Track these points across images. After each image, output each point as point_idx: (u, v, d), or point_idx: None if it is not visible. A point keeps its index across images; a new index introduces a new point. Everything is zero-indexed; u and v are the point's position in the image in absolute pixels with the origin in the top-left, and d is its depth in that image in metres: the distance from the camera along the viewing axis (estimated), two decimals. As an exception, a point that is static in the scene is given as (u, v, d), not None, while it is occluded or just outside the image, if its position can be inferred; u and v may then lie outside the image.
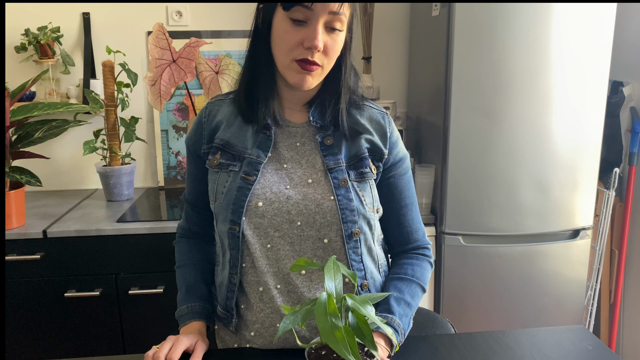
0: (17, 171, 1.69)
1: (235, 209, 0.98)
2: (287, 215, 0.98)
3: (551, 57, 1.81)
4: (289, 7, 0.91)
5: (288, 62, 0.94)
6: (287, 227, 0.98)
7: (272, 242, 0.99)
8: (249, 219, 0.98)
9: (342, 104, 1.02)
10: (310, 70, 0.94)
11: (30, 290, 1.75)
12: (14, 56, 2.13)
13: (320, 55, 0.94)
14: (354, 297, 0.78)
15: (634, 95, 2.15)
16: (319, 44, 0.91)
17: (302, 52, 0.92)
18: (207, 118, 1.07)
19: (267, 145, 1.01)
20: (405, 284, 1.05)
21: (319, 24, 0.91)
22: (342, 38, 0.96)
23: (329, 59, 0.96)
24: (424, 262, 1.10)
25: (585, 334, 1.06)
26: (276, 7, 0.94)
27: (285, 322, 0.76)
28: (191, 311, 1.05)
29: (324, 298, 0.76)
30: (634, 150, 2.12)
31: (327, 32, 0.93)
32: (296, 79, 0.95)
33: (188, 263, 1.14)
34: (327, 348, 0.82)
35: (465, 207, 1.90)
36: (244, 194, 0.98)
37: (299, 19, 0.91)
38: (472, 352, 0.99)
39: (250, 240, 0.99)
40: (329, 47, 0.94)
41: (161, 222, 1.80)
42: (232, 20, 2.24)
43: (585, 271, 2.01)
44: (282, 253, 0.99)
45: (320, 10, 0.90)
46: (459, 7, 1.76)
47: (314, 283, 0.99)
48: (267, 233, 0.99)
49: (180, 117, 2.26)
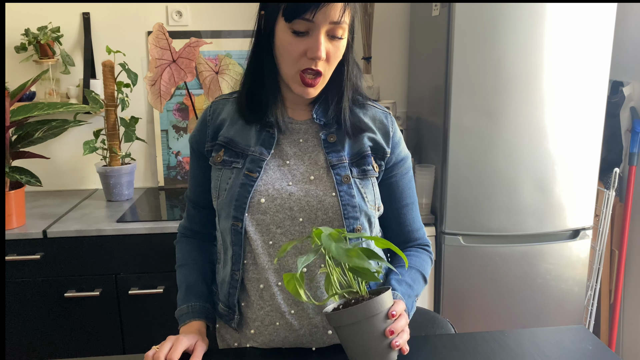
0: (17, 171, 1.69)
1: (238, 206, 0.98)
2: (289, 212, 0.99)
3: (551, 57, 1.81)
4: (291, 19, 0.91)
5: (293, 73, 0.96)
6: (289, 224, 0.99)
7: (274, 238, 0.99)
8: (252, 215, 0.99)
9: (345, 101, 1.02)
10: (313, 85, 0.96)
11: (30, 290, 1.75)
12: (14, 56, 2.14)
13: (323, 63, 0.95)
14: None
15: (634, 95, 2.15)
16: (322, 55, 0.92)
17: (305, 62, 0.94)
18: (211, 116, 1.07)
19: (270, 142, 1.02)
20: (405, 270, 1.06)
21: (321, 34, 0.92)
22: (344, 44, 0.97)
23: (330, 66, 0.97)
24: (424, 255, 1.11)
25: (585, 334, 1.06)
26: (278, 17, 0.94)
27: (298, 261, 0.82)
28: (191, 311, 1.05)
29: (326, 232, 0.83)
30: (634, 150, 2.12)
31: (329, 40, 0.94)
32: (299, 90, 0.97)
33: (188, 262, 1.14)
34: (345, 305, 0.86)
35: (465, 207, 1.90)
36: (246, 191, 0.99)
37: (300, 30, 0.92)
38: (472, 352, 0.99)
39: (253, 237, 0.99)
40: (331, 55, 0.95)
41: (161, 222, 1.80)
42: (232, 20, 2.24)
43: (585, 271, 2.01)
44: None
45: (321, 21, 0.91)
46: (459, 7, 1.76)
47: (315, 281, 1.00)
48: (269, 229, 0.99)
49: (180, 117, 2.26)
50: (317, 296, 1.00)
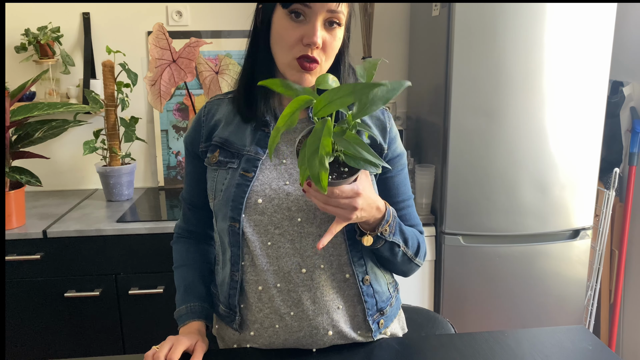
0: (17, 171, 1.69)
1: (235, 206, 0.98)
2: (287, 212, 0.98)
3: (551, 57, 1.81)
4: (288, 4, 0.92)
5: (288, 60, 0.95)
6: (288, 224, 0.98)
7: (273, 239, 0.99)
8: (249, 216, 0.98)
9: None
10: (310, 69, 0.94)
11: (30, 290, 1.75)
12: (14, 56, 2.14)
13: (319, 51, 0.94)
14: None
15: (634, 95, 2.15)
16: (317, 40, 0.92)
17: (301, 49, 0.93)
18: (205, 117, 1.07)
19: (265, 141, 1.01)
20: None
21: (318, 20, 0.92)
22: (341, 35, 0.97)
23: (327, 56, 0.96)
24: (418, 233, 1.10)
25: (585, 334, 1.06)
26: (275, 5, 0.95)
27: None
28: (190, 311, 1.05)
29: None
30: (634, 150, 2.12)
31: (326, 29, 0.94)
32: (296, 77, 0.95)
33: (186, 263, 1.14)
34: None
35: (465, 207, 1.90)
36: (242, 191, 0.98)
37: (297, 10, 0.92)
38: (472, 352, 0.99)
39: (250, 238, 0.99)
40: (328, 44, 0.95)
41: (161, 222, 1.80)
42: (232, 20, 2.24)
43: (585, 271, 2.01)
44: (282, 251, 0.99)
45: (319, 8, 0.91)
46: (459, 7, 1.76)
47: (315, 282, 0.99)
48: (267, 230, 0.98)
49: (180, 117, 2.26)
50: (317, 297, 0.99)
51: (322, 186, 0.73)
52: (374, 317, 1.05)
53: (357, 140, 0.76)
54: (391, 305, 1.09)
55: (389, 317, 1.09)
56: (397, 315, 1.14)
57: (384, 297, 1.07)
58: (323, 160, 0.72)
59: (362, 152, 0.76)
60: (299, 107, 0.73)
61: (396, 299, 1.13)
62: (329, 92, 0.72)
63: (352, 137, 0.77)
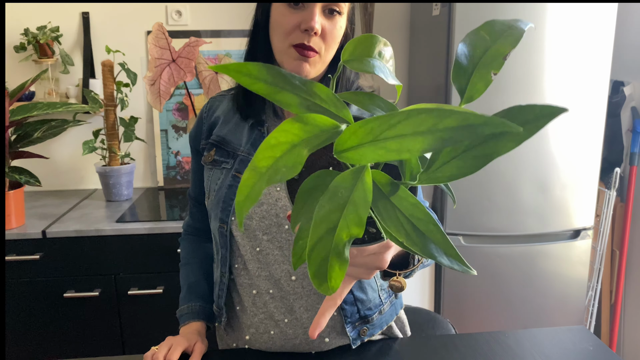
0: (17, 171, 1.68)
1: (225, 207, 0.97)
2: (275, 219, 0.95)
3: (552, 57, 1.81)
4: None
5: (285, 47, 0.90)
6: (276, 231, 0.96)
7: (261, 245, 0.97)
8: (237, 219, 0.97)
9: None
10: (307, 57, 0.89)
11: (29, 290, 1.75)
12: (14, 56, 2.13)
13: (318, 40, 0.89)
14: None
15: (635, 95, 2.14)
16: (315, 25, 0.86)
17: (299, 36, 0.88)
18: (207, 113, 1.06)
19: (260, 142, 0.99)
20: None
21: (317, 6, 0.87)
22: (342, 24, 0.92)
23: (327, 45, 0.90)
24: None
25: (586, 335, 1.06)
26: None
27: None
28: (191, 311, 1.05)
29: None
30: (635, 150, 2.11)
31: (325, 16, 0.89)
32: (293, 66, 0.90)
33: (191, 261, 1.13)
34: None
35: (465, 207, 1.89)
36: (233, 192, 0.97)
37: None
38: (472, 352, 0.99)
39: (240, 242, 0.98)
40: (327, 32, 0.89)
41: (160, 222, 1.79)
42: (232, 19, 2.24)
43: (586, 271, 2.01)
44: (271, 258, 0.97)
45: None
46: (459, 7, 1.76)
47: (305, 290, 0.97)
48: (255, 236, 0.96)
49: (180, 117, 2.26)
50: (309, 304, 0.98)
51: (328, 287, 0.41)
52: (355, 325, 1.00)
53: (422, 211, 0.40)
54: (381, 312, 1.04)
55: (377, 324, 1.03)
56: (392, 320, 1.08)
57: (370, 305, 1.01)
58: (341, 253, 0.38)
59: (427, 240, 0.40)
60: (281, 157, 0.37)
61: (391, 304, 1.07)
62: (381, 119, 0.34)
63: (411, 204, 0.41)
